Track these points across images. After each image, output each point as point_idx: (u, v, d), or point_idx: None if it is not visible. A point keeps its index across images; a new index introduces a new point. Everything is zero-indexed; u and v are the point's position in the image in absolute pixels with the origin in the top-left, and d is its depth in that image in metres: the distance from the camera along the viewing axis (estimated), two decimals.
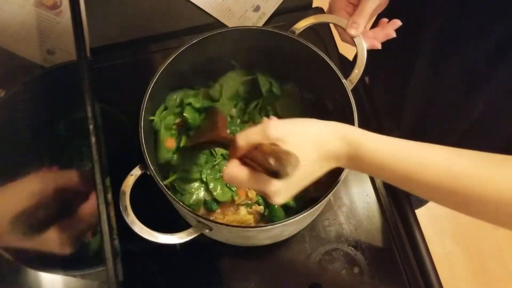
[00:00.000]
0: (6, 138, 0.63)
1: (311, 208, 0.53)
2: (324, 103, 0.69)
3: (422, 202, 1.33)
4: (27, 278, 0.68)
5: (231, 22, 0.86)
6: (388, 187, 0.74)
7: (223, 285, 0.68)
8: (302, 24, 0.63)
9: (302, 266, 0.69)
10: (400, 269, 0.68)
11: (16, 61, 0.76)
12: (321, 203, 0.54)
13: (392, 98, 0.85)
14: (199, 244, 0.68)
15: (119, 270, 0.45)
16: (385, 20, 0.63)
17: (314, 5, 0.90)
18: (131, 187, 0.54)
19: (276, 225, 0.53)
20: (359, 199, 0.73)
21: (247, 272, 0.69)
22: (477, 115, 0.67)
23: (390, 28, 0.62)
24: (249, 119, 0.72)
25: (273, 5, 0.87)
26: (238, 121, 0.73)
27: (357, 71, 0.60)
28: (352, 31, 0.60)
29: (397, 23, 0.62)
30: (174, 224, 0.58)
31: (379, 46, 0.62)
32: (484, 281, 1.52)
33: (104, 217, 0.38)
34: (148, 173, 0.54)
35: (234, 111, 0.72)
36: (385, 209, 0.72)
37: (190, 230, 0.54)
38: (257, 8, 0.87)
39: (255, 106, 0.72)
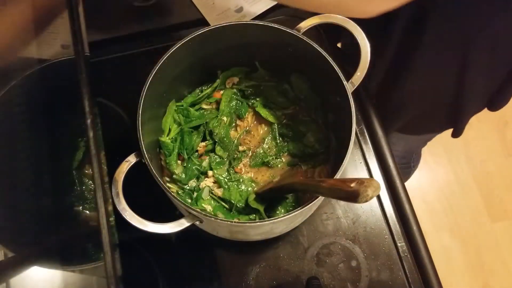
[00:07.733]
0: (4, 133, 0.63)
1: (302, 208, 0.52)
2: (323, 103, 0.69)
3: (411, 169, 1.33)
4: (25, 273, 0.68)
5: (210, 16, 0.85)
6: (386, 181, 0.74)
7: (221, 278, 0.69)
8: (307, 24, 0.61)
9: (300, 260, 0.69)
10: (398, 262, 0.69)
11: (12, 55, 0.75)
12: (312, 203, 0.53)
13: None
14: (197, 237, 0.68)
15: (117, 264, 0.45)
16: None
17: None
18: (124, 173, 0.53)
19: (265, 222, 0.53)
20: None
21: (245, 265, 0.69)
22: None
23: None
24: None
25: (255, 11, 0.86)
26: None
27: (359, 74, 0.59)
28: None
29: None
30: (171, 216, 0.57)
31: None
32: (481, 274, 1.53)
33: (102, 210, 0.38)
34: (143, 161, 0.54)
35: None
36: (382, 203, 0.72)
37: (181, 220, 0.54)
38: (239, 10, 0.86)
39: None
